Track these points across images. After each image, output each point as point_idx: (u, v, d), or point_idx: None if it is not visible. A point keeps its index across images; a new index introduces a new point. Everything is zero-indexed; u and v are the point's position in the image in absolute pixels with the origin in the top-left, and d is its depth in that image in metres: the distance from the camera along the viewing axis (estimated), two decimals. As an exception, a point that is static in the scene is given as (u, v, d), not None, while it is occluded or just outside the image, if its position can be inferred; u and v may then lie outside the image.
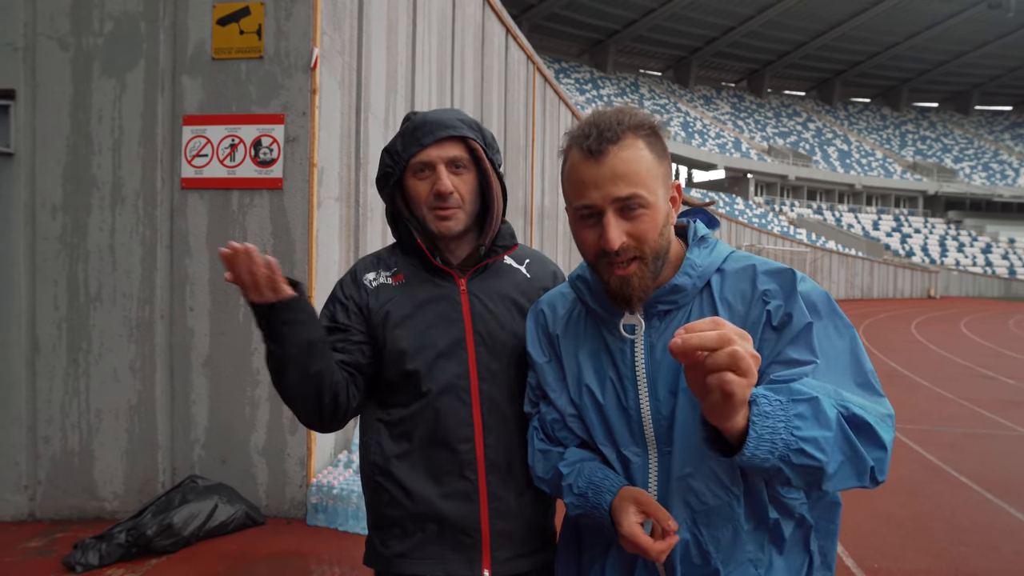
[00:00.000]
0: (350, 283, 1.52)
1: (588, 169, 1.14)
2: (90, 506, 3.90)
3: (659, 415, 1.19)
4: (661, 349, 1.19)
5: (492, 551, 1.41)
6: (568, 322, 1.32)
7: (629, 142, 1.13)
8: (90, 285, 3.91)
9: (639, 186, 1.13)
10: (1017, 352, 14.04)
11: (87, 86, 3.91)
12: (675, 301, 1.20)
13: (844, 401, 1.02)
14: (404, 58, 5.34)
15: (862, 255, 42.11)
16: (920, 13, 56.14)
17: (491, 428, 1.42)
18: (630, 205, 1.13)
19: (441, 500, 1.41)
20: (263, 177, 3.88)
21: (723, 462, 1.11)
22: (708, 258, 1.22)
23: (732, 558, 1.18)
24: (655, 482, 1.20)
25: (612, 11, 52.77)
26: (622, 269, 1.15)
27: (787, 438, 0.94)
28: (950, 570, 3.55)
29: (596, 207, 1.14)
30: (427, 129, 1.43)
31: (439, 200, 1.43)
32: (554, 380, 1.32)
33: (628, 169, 1.12)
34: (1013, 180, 58.98)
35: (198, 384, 3.94)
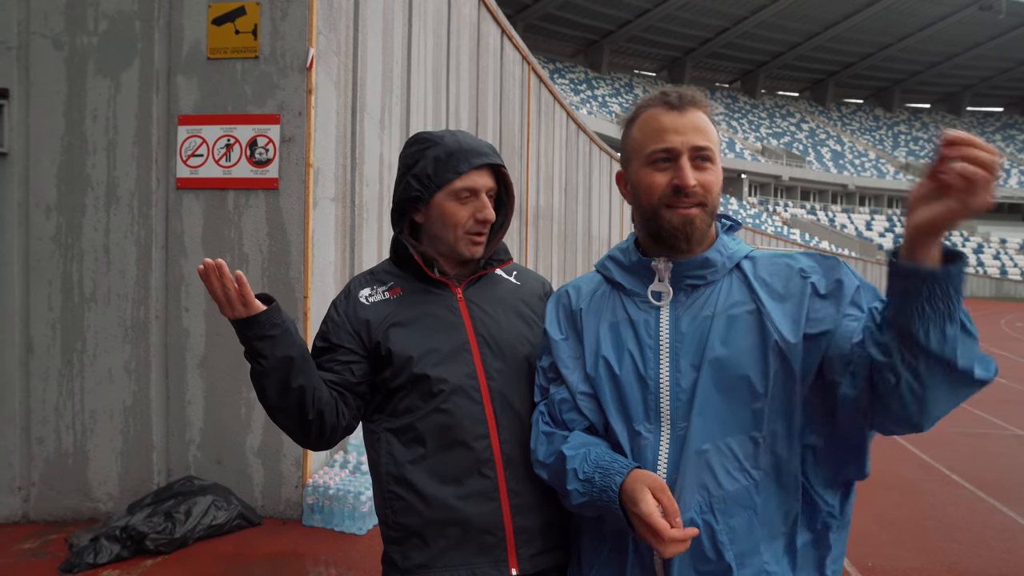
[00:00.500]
0: (344, 301, 1.54)
1: (671, 118, 1.24)
2: (84, 507, 3.89)
3: (678, 387, 1.20)
4: (687, 322, 1.23)
5: (517, 548, 1.41)
6: (592, 298, 1.36)
7: (704, 109, 1.27)
8: (84, 285, 3.89)
9: (711, 143, 1.25)
10: (1009, 351, 14.12)
11: (81, 85, 3.89)
12: (704, 276, 1.25)
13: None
14: (400, 58, 5.34)
15: (855, 255, 42.28)
16: (912, 15, 56.41)
17: (504, 425, 1.44)
18: (704, 156, 1.24)
19: (461, 502, 1.40)
20: (259, 177, 3.87)
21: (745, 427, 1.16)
22: (737, 245, 1.31)
23: (747, 562, 1.14)
24: (665, 461, 1.19)
25: (607, 11, 52.84)
26: (687, 209, 1.23)
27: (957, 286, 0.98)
28: (943, 568, 3.57)
29: (675, 150, 1.23)
30: (463, 156, 1.48)
31: (480, 226, 1.50)
32: (569, 357, 1.34)
33: (705, 126, 1.25)
34: (1004, 181, 59.26)
35: (193, 385, 3.93)
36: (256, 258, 3.88)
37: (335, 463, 4.18)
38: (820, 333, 1.15)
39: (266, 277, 3.87)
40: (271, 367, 1.36)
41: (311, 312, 3.87)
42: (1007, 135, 69.70)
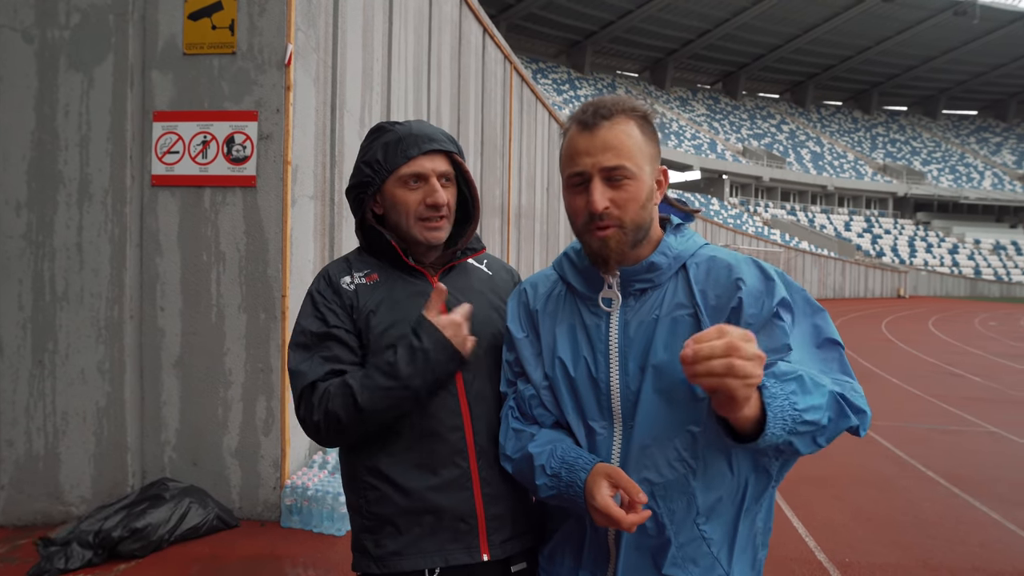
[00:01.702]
0: (327, 288, 1.52)
1: (582, 140, 1.26)
2: (56, 511, 3.81)
3: (627, 389, 1.27)
4: (635, 326, 1.28)
5: (488, 535, 1.44)
6: (548, 299, 1.40)
7: (620, 120, 1.26)
8: (56, 284, 3.82)
9: (625, 159, 1.24)
10: (982, 350, 14.36)
11: (53, 80, 3.82)
12: (651, 280, 1.29)
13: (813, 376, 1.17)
14: (380, 56, 5.30)
15: (834, 255, 42.77)
16: (890, 19, 57.20)
17: (478, 415, 1.46)
18: (615, 176, 1.24)
19: (435, 492, 1.42)
20: (236, 175, 3.82)
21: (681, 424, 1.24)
22: (684, 244, 1.33)
23: (684, 529, 1.26)
24: (618, 455, 1.27)
25: (589, 12, 52.97)
26: (602, 232, 1.26)
27: (792, 413, 1.09)
28: (918, 563, 3.61)
29: (586, 173, 1.26)
30: (412, 141, 1.48)
31: (432, 211, 1.49)
32: (531, 355, 1.39)
33: (617, 142, 1.25)
34: (978, 183, 60.35)
35: (169, 385, 3.87)
36: (233, 256, 3.83)
37: (314, 464, 4.14)
38: None
39: (243, 276, 3.82)
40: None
41: (289, 311, 3.83)
42: (981, 138, 70.92)
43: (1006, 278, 50.08)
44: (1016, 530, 4.09)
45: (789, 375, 1.12)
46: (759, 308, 1.24)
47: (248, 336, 3.82)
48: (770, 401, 1.07)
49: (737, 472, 1.26)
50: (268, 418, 3.83)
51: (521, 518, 1.49)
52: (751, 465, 1.27)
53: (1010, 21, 58.66)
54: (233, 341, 3.83)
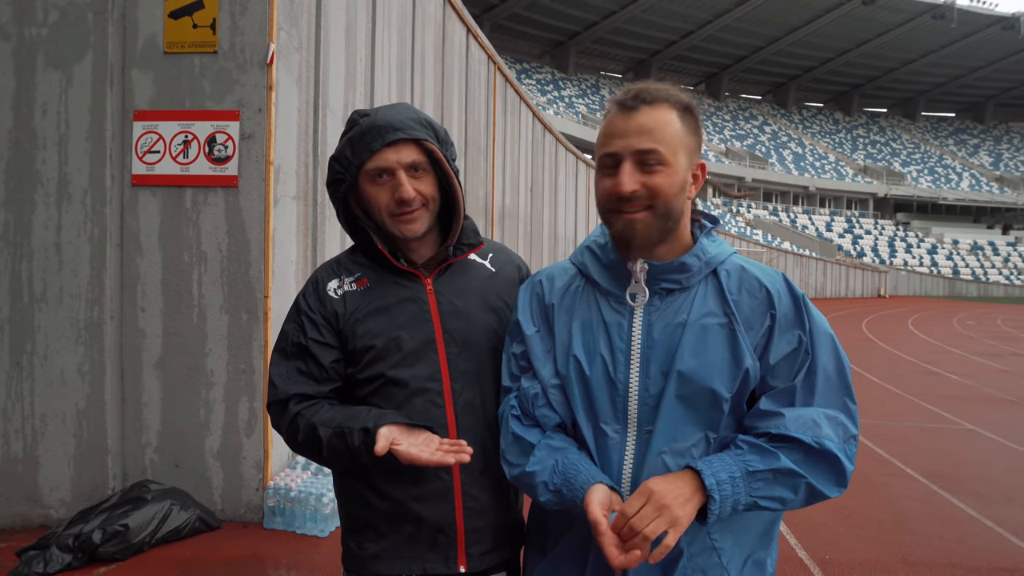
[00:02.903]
0: (313, 294, 1.48)
1: (618, 121, 1.22)
2: (35, 514, 3.77)
3: (646, 393, 1.23)
4: (660, 328, 1.24)
5: (467, 547, 1.43)
6: (565, 293, 1.34)
7: (662, 106, 1.21)
8: (35, 285, 3.77)
9: (660, 143, 1.19)
10: (960, 349, 14.58)
11: (30, 78, 3.77)
12: (679, 281, 1.25)
13: (820, 438, 1.19)
14: (363, 55, 5.28)
15: (816, 255, 43.21)
16: (870, 22, 57.93)
17: (464, 428, 1.42)
18: (648, 160, 1.20)
19: (416, 502, 1.41)
20: (218, 175, 3.79)
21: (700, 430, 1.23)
22: (716, 248, 1.29)
23: (696, 539, 1.22)
24: (630, 460, 1.24)
25: (573, 12, 53.13)
26: (630, 214, 1.21)
27: (747, 500, 1.15)
28: (896, 559, 3.67)
29: (617, 155, 1.21)
30: (376, 133, 1.40)
31: (401, 206, 1.41)
32: (542, 351, 1.33)
33: (654, 126, 1.20)
34: (956, 184, 61.27)
35: (150, 386, 3.83)
36: (215, 257, 3.80)
37: (296, 465, 4.12)
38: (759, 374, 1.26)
39: (225, 276, 3.80)
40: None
41: (271, 312, 3.81)
42: (959, 139, 72.00)
43: (983, 278, 50.88)
44: (992, 526, 4.16)
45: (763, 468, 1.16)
46: (789, 338, 1.23)
47: (230, 337, 3.80)
48: (713, 509, 1.13)
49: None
50: (250, 419, 3.81)
51: (502, 531, 1.47)
52: None
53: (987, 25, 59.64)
54: (215, 342, 3.80)
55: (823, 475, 1.19)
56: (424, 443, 1.31)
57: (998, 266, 53.54)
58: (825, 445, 1.17)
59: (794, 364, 1.22)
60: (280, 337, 1.50)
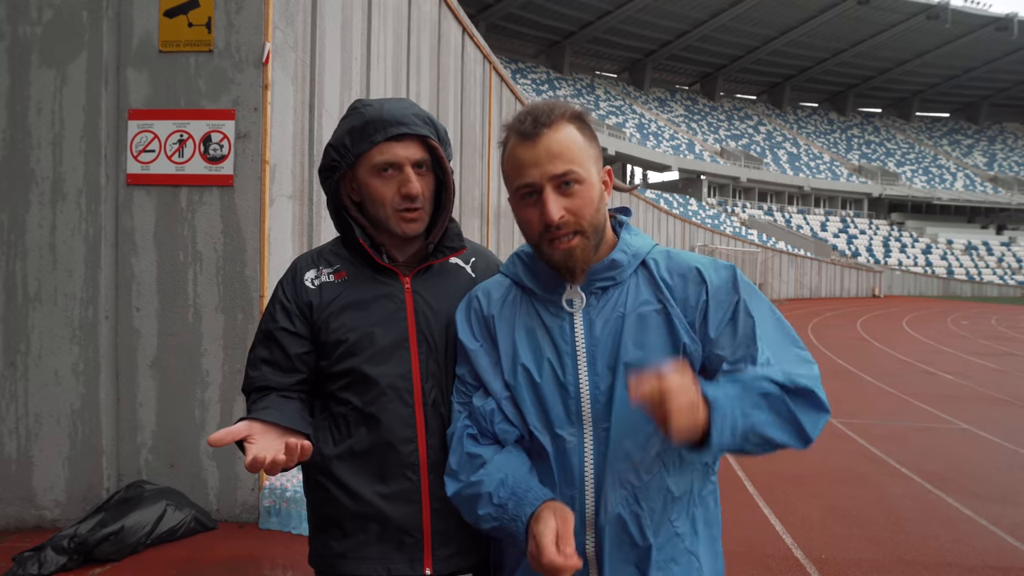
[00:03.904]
0: (290, 283, 1.49)
1: (526, 151, 1.23)
2: (29, 515, 3.75)
3: (597, 390, 1.24)
4: (600, 325, 1.26)
5: (433, 549, 1.41)
6: (503, 304, 1.35)
7: (560, 125, 1.23)
8: (29, 284, 3.75)
9: (573, 163, 1.22)
10: (954, 348, 14.64)
11: (24, 77, 3.75)
12: (612, 277, 1.28)
13: (792, 377, 1.19)
14: (359, 55, 5.28)
15: (810, 255, 43.33)
16: (865, 22, 58.11)
17: (433, 430, 1.41)
18: (566, 181, 1.22)
19: (383, 501, 1.40)
20: (213, 174, 3.78)
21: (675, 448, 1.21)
22: (640, 241, 1.33)
23: (661, 529, 1.25)
24: (591, 461, 1.24)
25: (568, 12, 53.15)
26: (565, 243, 1.23)
27: (744, 426, 1.12)
28: (892, 558, 3.68)
29: (536, 184, 1.22)
30: (380, 124, 1.39)
31: (408, 202, 1.40)
32: (488, 364, 1.33)
33: (562, 148, 1.22)
34: (951, 184, 61.50)
35: (145, 386, 3.82)
36: (210, 256, 3.79)
37: (293, 465, 4.11)
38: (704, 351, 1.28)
39: (221, 276, 3.78)
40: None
41: (268, 312, 3.79)
42: (953, 140, 72.28)
43: (977, 278, 51.12)
44: (987, 525, 4.18)
45: (759, 390, 1.15)
46: (726, 307, 1.26)
47: (225, 337, 3.78)
48: (717, 418, 1.09)
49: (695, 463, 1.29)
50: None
51: (469, 534, 1.44)
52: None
53: (980, 26, 59.90)
54: (211, 342, 3.79)
55: (804, 404, 1.19)
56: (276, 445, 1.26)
57: (992, 266, 53.79)
58: (798, 382, 1.18)
59: (735, 329, 1.25)
60: (261, 320, 1.53)
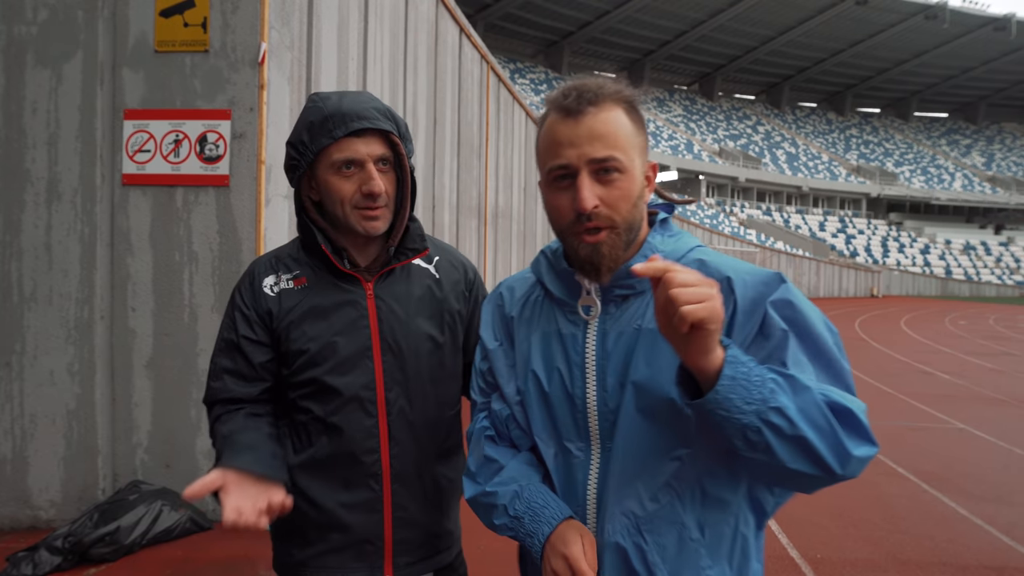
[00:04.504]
0: (248, 289, 1.43)
1: (565, 128, 1.10)
2: (24, 515, 3.74)
3: (605, 407, 1.14)
4: (614, 338, 1.14)
5: (394, 557, 1.41)
6: (525, 304, 1.26)
7: (609, 105, 1.10)
8: (24, 284, 3.75)
9: (616, 149, 1.09)
10: (952, 348, 14.66)
11: (20, 77, 3.75)
12: (632, 285, 1.14)
13: (824, 389, 1.01)
14: (356, 55, 5.27)
15: (809, 255, 43.36)
16: (863, 22, 58.16)
17: (397, 439, 1.39)
18: (606, 168, 1.09)
19: (344, 510, 1.38)
20: (209, 174, 3.78)
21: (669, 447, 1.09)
22: (672, 243, 1.18)
23: (682, 569, 1.11)
24: (595, 479, 1.15)
25: (567, 12, 53.18)
26: (592, 236, 1.10)
27: (764, 394, 0.95)
28: (888, 558, 3.68)
29: (571, 167, 1.09)
30: (340, 119, 1.31)
31: (369, 200, 1.34)
32: (504, 366, 1.26)
33: (606, 130, 1.09)
34: (949, 184, 61.57)
35: (141, 387, 3.82)
36: (206, 257, 3.79)
37: (289, 465, 4.11)
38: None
39: (216, 276, 3.78)
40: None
41: (263, 312, 3.79)
42: (951, 140, 72.35)
43: (976, 278, 51.17)
44: (983, 525, 4.18)
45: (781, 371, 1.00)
46: (753, 323, 1.07)
47: (222, 337, 3.78)
48: (732, 360, 0.95)
49: (733, 504, 1.13)
50: (242, 420, 3.79)
51: (431, 541, 1.45)
52: (746, 496, 1.14)
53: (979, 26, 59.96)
54: (206, 342, 3.78)
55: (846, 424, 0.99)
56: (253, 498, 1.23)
57: (990, 266, 53.85)
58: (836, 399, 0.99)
59: (761, 349, 1.06)
60: (220, 329, 1.47)
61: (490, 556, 3.48)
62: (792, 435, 0.96)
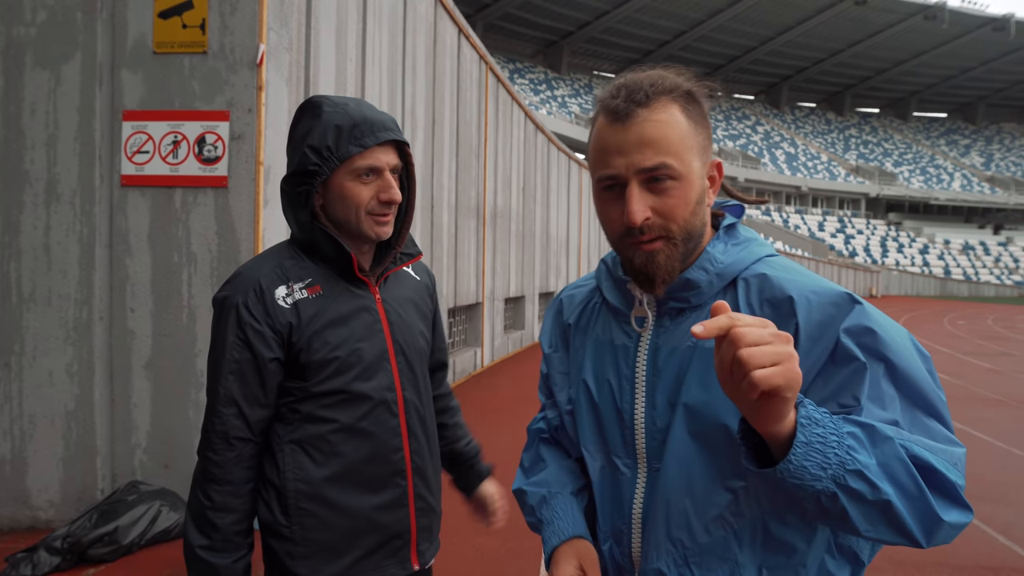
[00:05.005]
0: (258, 304, 1.35)
1: (613, 135, 1.01)
2: (23, 516, 3.75)
3: (653, 426, 1.06)
4: (666, 354, 1.06)
5: (418, 546, 1.48)
6: (583, 312, 1.21)
7: (660, 106, 1.00)
8: (23, 285, 3.76)
9: (669, 155, 0.99)
10: (950, 348, 14.67)
11: (19, 78, 3.76)
12: (687, 299, 1.05)
13: (904, 439, 0.87)
14: (354, 56, 5.28)
15: (808, 255, 43.42)
16: (862, 22, 58.23)
17: (414, 435, 1.46)
18: (657, 176, 0.99)
19: (379, 512, 1.41)
20: (207, 175, 3.79)
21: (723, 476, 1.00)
22: (734, 254, 1.06)
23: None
24: (640, 499, 1.08)
25: (566, 12, 53.21)
26: (648, 245, 1.01)
27: (842, 455, 0.83)
28: (884, 557, 3.69)
29: (620, 177, 1.00)
30: (368, 128, 1.35)
31: (385, 207, 1.38)
32: (558, 374, 1.23)
33: (658, 135, 0.99)
34: (948, 184, 61.63)
35: (139, 387, 3.83)
36: (205, 258, 3.80)
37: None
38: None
39: (215, 277, 3.79)
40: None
41: (262, 312, 3.80)
42: (950, 140, 72.41)
43: (974, 278, 51.23)
44: (979, 524, 4.19)
45: (857, 421, 0.87)
46: (821, 349, 0.95)
47: (220, 338, 3.79)
48: (806, 423, 0.83)
49: (805, 553, 0.99)
50: (241, 420, 3.80)
51: (438, 524, 1.55)
52: (828, 540, 1.00)
53: (978, 26, 60.02)
54: (205, 343, 3.79)
55: (933, 486, 0.86)
56: None
57: (989, 266, 53.90)
58: (919, 454, 0.86)
59: (831, 378, 0.94)
60: (220, 352, 1.36)
61: (488, 555, 3.49)
62: (874, 500, 0.84)
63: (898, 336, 0.96)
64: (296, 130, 1.40)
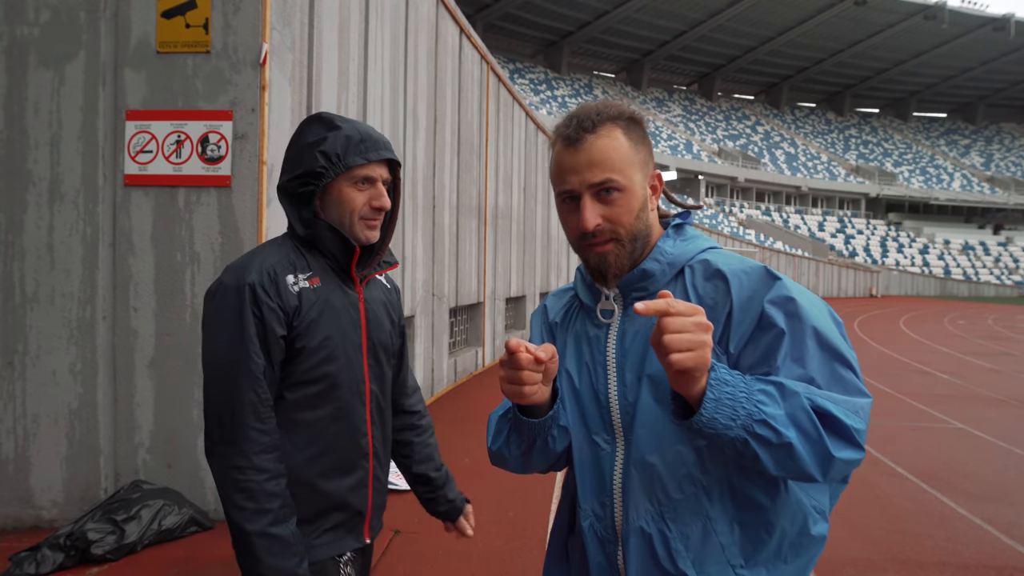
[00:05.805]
0: (271, 285, 1.46)
1: (567, 156, 1.22)
2: (26, 515, 3.76)
3: (625, 401, 1.23)
4: (631, 336, 1.24)
5: (370, 520, 1.64)
6: (567, 313, 1.39)
7: (605, 131, 1.20)
8: (26, 285, 3.76)
9: (613, 171, 1.19)
10: (951, 348, 14.68)
11: (22, 78, 3.76)
12: (645, 288, 1.24)
13: (811, 393, 1.06)
14: (356, 56, 5.29)
15: (808, 255, 43.40)
16: (862, 22, 58.22)
17: (375, 422, 1.63)
18: (605, 189, 1.19)
19: (348, 492, 1.57)
20: (210, 175, 3.79)
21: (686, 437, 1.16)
22: (682, 247, 1.26)
23: (708, 570, 1.15)
24: (620, 469, 1.23)
25: (566, 12, 53.20)
26: (599, 247, 1.22)
27: (750, 408, 1.02)
28: (887, 557, 3.69)
29: (575, 192, 1.21)
30: (372, 145, 1.53)
31: (375, 213, 1.56)
32: None
33: (603, 156, 1.19)
34: (948, 184, 61.62)
35: (143, 387, 3.83)
36: (208, 257, 3.80)
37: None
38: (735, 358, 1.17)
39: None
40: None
41: (265, 312, 3.80)
42: (950, 140, 72.41)
43: (974, 278, 51.23)
44: (981, 524, 4.20)
45: (769, 379, 1.07)
46: (750, 318, 1.15)
47: (223, 337, 3.79)
48: (715, 384, 1.01)
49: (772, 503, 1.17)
50: (244, 419, 3.80)
51: (386, 500, 1.72)
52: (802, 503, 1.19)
53: (977, 26, 60.03)
54: (208, 342, 3.79)
55: (831, 430, 1.05)
56: None
57: (989, 266, 53.90)
58: (820, 403, 1.05)
59: (757, 344, 1.14)
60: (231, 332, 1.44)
61: (490, 554, 3.49)
62: (779, 443, 1.03)
63: (815, 303, 1.16)
64: (304, 137, 1.54)
